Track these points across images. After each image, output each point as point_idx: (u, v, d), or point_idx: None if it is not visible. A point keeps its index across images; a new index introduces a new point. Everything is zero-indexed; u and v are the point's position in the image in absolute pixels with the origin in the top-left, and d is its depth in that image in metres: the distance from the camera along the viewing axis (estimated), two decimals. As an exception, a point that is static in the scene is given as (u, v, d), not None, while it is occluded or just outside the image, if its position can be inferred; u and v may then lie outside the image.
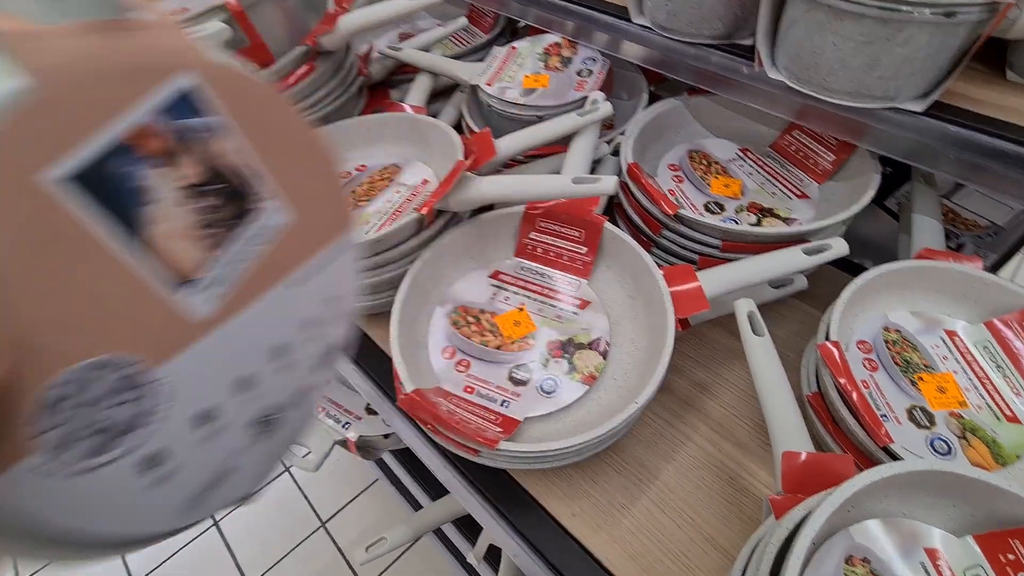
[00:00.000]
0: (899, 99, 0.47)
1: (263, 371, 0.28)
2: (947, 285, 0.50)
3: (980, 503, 0.32)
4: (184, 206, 0.22)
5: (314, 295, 0.30)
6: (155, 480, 0.23)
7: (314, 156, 0.28)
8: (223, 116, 0.22)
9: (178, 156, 0.21)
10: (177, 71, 0.20)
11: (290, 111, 0.25)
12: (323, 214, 0.29)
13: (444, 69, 0.75)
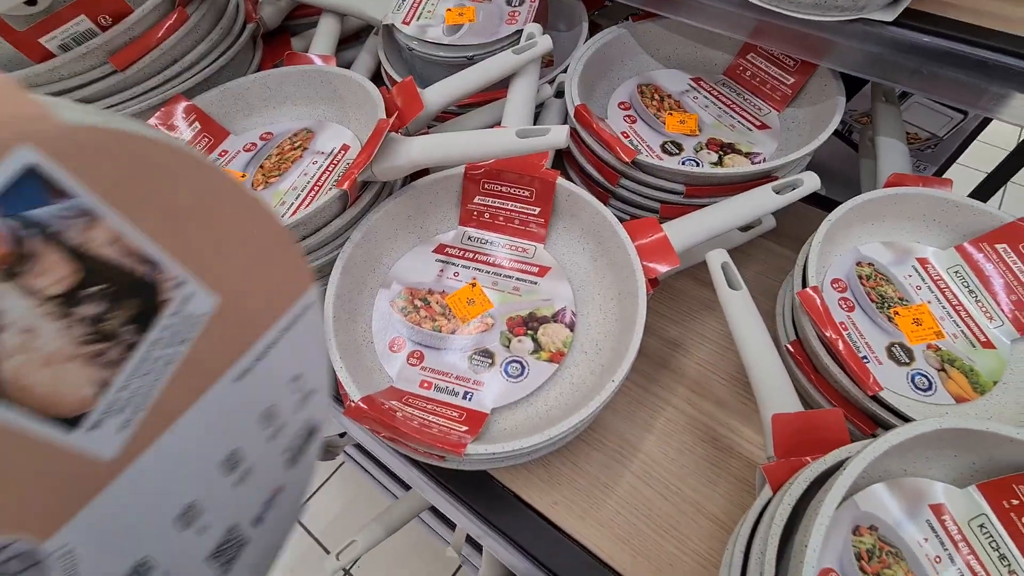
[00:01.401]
0: (868, 8, 0.42)
1: (215, 490, 0.24)
2: (918, 211, 0.47)
3: (983, 451, 0.31)
4: (51, 324, 0.17)
5: (273, 379, 0.25)
6: None
7: (240, 214, 0.22)
8: (86, 196, 0.17)
9: (28, 261, 0.16)
10: (8, 148, 0.15)
11: (192, 165, 0.20)
12: (266, 281, 0.24)
13: (349, 8, 0.64)
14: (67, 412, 0.18)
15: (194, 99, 0.55)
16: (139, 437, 0.20)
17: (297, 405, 0.27)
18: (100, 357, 0.18)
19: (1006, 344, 0.43)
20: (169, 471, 0.21)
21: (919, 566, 0.29)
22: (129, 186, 0.18)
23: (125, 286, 0.19)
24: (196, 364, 0.22)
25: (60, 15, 0.47)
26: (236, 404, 0.24)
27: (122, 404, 0.19)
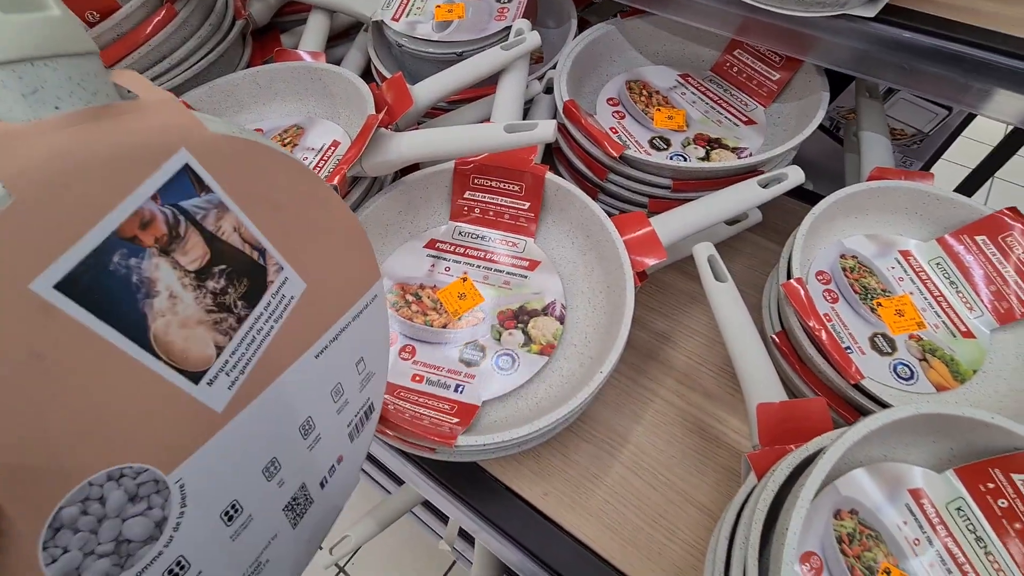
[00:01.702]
0: (850, 4, 0.43)
1: (292, 451, 0.27)
2: (900, 204, 0.48)
3: (960, 436, 0.31)
4: (189, 293, 0.20)
5: (343, 359, 0.29)
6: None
7: (326, 213, 0.26)
8: (221, 192, 0.21)
9: (178, 241, 0.20)
10: (169, 151, 0.19)
11: (295, 170, 0.24)
12: (343, 273, 0.28)
13: (339, 4, 0.64)
14: (193, 367, 0.21)
15: (183, 95, 0.55)
16: (241, 395, 0.23)
17: (360, 385, 0.31)
18: (219, 325, 0.22)
19: (986, 334, 0.44)
20: (261, 428, 0.24)
21: (899, 548, 0.30)
22: (250, 185, 0.22)
23: (241, 267, 0.22)
24: (286, 339, 0.25)
25: (46, 11, 0.46)
26: (313, 378, 0.27)
27: (232, 366, 0.23)
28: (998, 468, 0.30)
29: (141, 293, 0.19)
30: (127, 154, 0.18)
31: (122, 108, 0.18)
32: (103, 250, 0.18)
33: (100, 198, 0.17)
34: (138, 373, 0.19)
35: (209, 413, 0.22)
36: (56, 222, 0.16)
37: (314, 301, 0.26)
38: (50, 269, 0.16)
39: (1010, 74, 0.40)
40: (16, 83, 0.17)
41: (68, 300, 0.17)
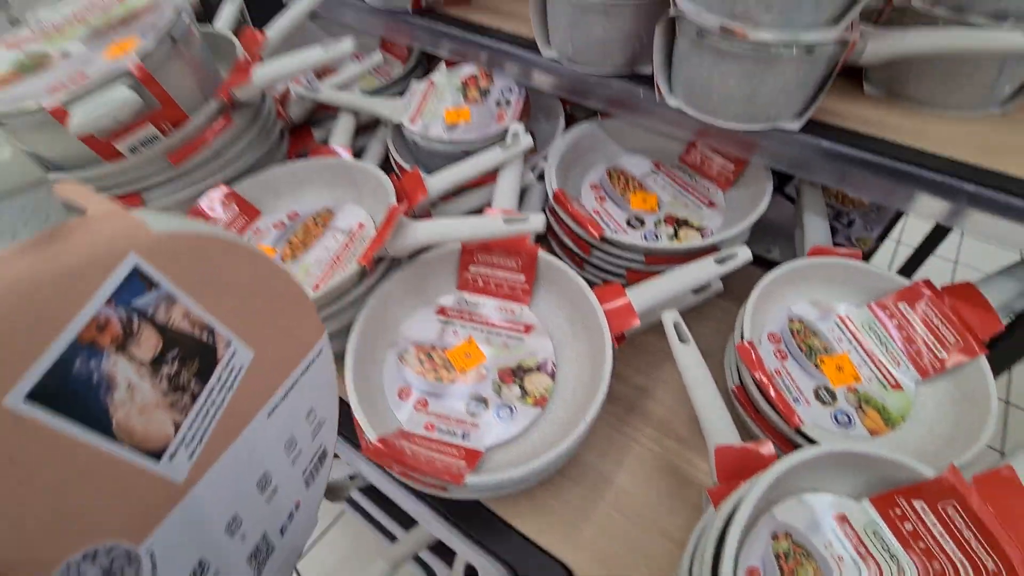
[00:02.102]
0: (780, 120, 0.54)
1: (251, 506, 0.29)
2: (836, 276, 0.57)
3: (871, 471, 0.39)
4: (146, 382, 0.22)
5: (294, 412, 0.31)
6: None
7: (267, 282, 0.29)
8: (169, 285, 0.23)
9: (132, 337, 0.22)
10: (119, 258, 0.21)
11: (235, 249, 0.26)
12: (288, 334, 0.31)
13: (365, 108, 0.76)
14: (154, 447, 0.23)
15: (233, 186, 0.66)
16: (200, 463, 0.25)
17: (312, 434, 0.34)
18: (175, 404, 0.24)
19: (911, 386, 0.52)
20: (220, 490, 0.26)
21: (826, 565, 0.37)
22: (194, 272, 0.24)
23: (192, 349, 0.24)
24: (239, 404, 0.27)
25: (132, 125, 0.57)
26: (267, 435, 0.29)
27: (190, 438, 0.25)
28: (903, 497, 0.38)
29: (102, 389, 0.20)
30: (80, 268, 0.19)
31: (72, 226, 0.20)
32: (66, 358, 0.19)
33: (59, 312, 0.19)
34: (104, 461, 0.21)
35: (172, 485, 0.24)
36: (22, 340, 0.18)
37: (263, 365, 0.28)
38: (19, 384, 0.18)
39: (923, 180, 0.49)
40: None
41: (37, 407, 0.18)
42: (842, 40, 0.47)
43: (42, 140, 0.56)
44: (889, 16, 0.55)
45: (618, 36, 0.58)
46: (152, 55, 0.55)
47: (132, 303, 0.22)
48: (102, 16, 0.64)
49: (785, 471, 0.36)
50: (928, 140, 0.52)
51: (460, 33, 0.71)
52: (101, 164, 0.58)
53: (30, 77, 0.56)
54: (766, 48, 0.47)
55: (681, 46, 0.53)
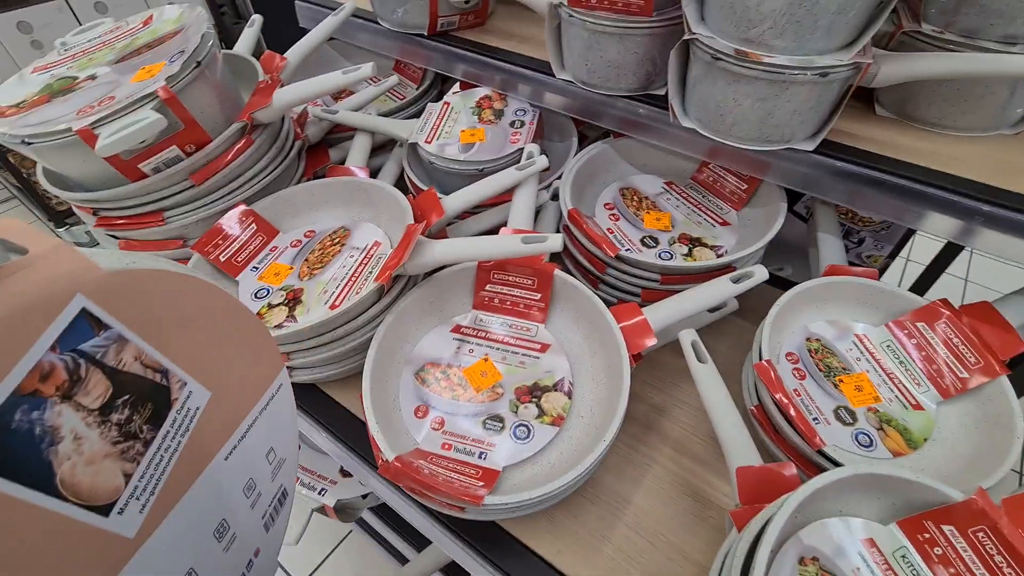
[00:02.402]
0: (793, 141, 0.54)
1: (210, 556, 0.27)
2: (852, 295, 0.57)
3: (898, 494, 0.38)
4: (93, 431, 0.21)
5: (253, 453, 0.30)
6: None
7: (224, 316, 0.27)
8: (120, 326, 0.21)
9: (79, 384, 0.20)
10: (65, 300, 0.19)
11: (191, 285, 0.25)
12: (248, 370, 0.29)
13: (382, 129, 0.77)
14: (103, 501, 0.21)
15: (252, 204, 0.67)
16: (153, 516, 0.23)
17: (272, 474, 0.32)
18: (126, 453, 0.22)
19: (933, 407, 0.51)
20: (176, 542, 0.24)
21: (854, 591, 0.36)
22: (148, 312, 0.22)
23: (144, 392, 0.23)
24: (194, 450, 0.25)
25: (156, 146, 0.58)
26: (224, 480, 0.27)
27: (141, 490, 0.23)
28: (931, 520, 0.37)
29: (45, 442, 0.19)
30: (21, 313, 0.18)
31: (12, 267, 0.18)
32: (4, 410, 0.17)
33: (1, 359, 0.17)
34: (48, 520, 0.19)
35: (122, 541, 0.22)
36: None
37: (220, 405, 0.26)
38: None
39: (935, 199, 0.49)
40: None
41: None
42: (855, 64, 0.48)
43: (69, 161, 0.58)
44: (899, 40, 0.56)
45: (632, 59, 0.59)
46: (178, 79, 0.56)
47: (79, 347, 0.20)
48: (128, 41, 0.66)
49: (813, 493, 0.36)
50: (940, 160, 0.52)
51: (475, 56, 0.72)
52: (125, 183, 0.59)
53: (58, 100, 0.58)
54: (780, 72, 0.48)
55: (695, 69, 0.54)
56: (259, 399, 0.30)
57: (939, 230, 0.51)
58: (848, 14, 0.45)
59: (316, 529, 1.25)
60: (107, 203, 0.61)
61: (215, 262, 0.63)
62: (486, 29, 0.78)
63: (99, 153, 0.52)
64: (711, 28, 0.51)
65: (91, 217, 0.64)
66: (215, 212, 0.65)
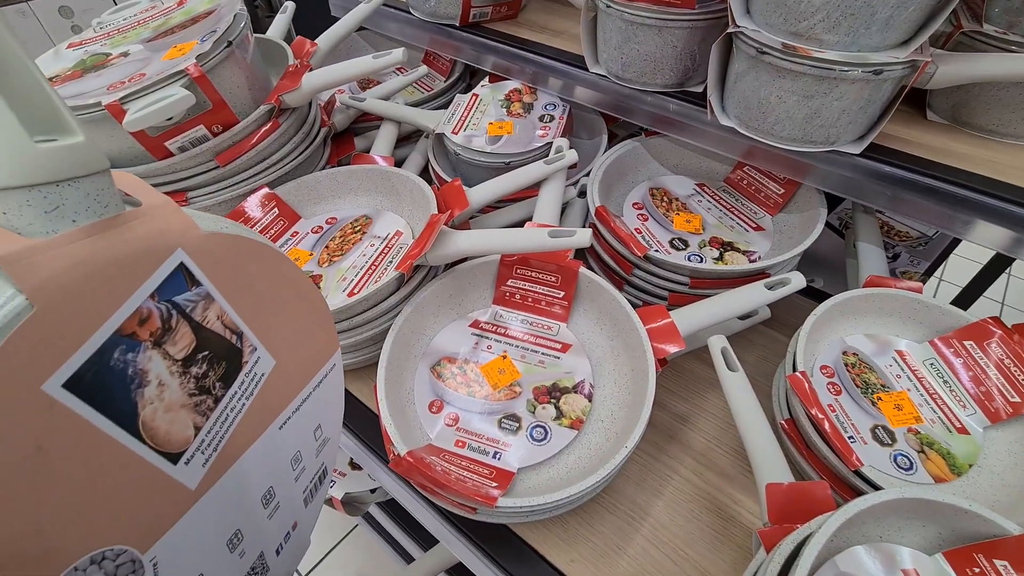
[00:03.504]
0: (839, 143, 0.51)
1: (254, 521, 0.28)
2: (894, 309, 0.54)
3: (945, 522, 0.35)
4: (175, 380, 0.22)
5: (303, 427, 0.30)
6: None
7: (295, 292, 0.28)
8: (209, 285, 0.23)
9: (169, 333, 0.21)
10: (167, 253, 0.21)
11: (270, 255, 0.26)
12: (308, 345, 0.30)
13: (408, 118, 0.76)
14: (174, 449, 0.22)
15: (275, 189, 0.66)
16: (213, 471, 0.24)
17: (316, 451, 0.33)
18: (199, 407, 0.23)
19: (979, 431, 0.48)
20: (228, 501, 0.25)
21: (895, 624, 0.33)
22: (233, 275, 0.24)
23: (221, 351, 0.24)
24: (255, 414, 0.26)
25: (183, 125, 0.58)
26: (276, 448, 0.29)
27: (207, 444, 0.24)
28: (982, 554, 0.34)
29: (134, 384, 0.20)
30: (131, 260, 0.19)
31: (127, 217, 0.20)
32: (106, 348, 0.19)
33: (107, 301, 0.19)
34: (125, 458, 0.20)
35: (184, 491, 0.23)
36: (68, 326, 0.18)
37: (281, 375, 0.27)
38: (60, 370, 0.18)
39: (988, 208, 0.47)
40: (40, 202, 0.18)
41: (72, 396, 0.18)
42: (912, 62, 0.45)
43: (98, 136, 0.58)
44: (957, 41, 0.53)
45: (670, 53, 0.57)
46: (208, 57, 0.56)
47: (173, 299, 0.21)
48: (163, 20, 0.66)
49: (855, 515, 0.33)
50: (997, 168, 0.49)
51: (506, 47, 0.71)
52: (151, 162, 0.59)
53: (91, 75, 0.58)
54: (830, 68, 0.45)
55: (738, 64, 0.52)
56: (315, 375, 0.31)
57: (988, 240, 0.48)
58: (908, 8, 0.42)
59: (322, 521, 1.25)
60: (132, 180, 0.60)
61: (235, 244, 0.62)
62: (518, 22, 0.76)
63: (126, 128, 0.52)
64: (757, 21, 0.49)
65: (116, 194, 0.64)
66: (238, 195, 0.64)
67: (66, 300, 0.18)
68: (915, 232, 0.91)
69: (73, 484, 0.19)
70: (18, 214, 0.18)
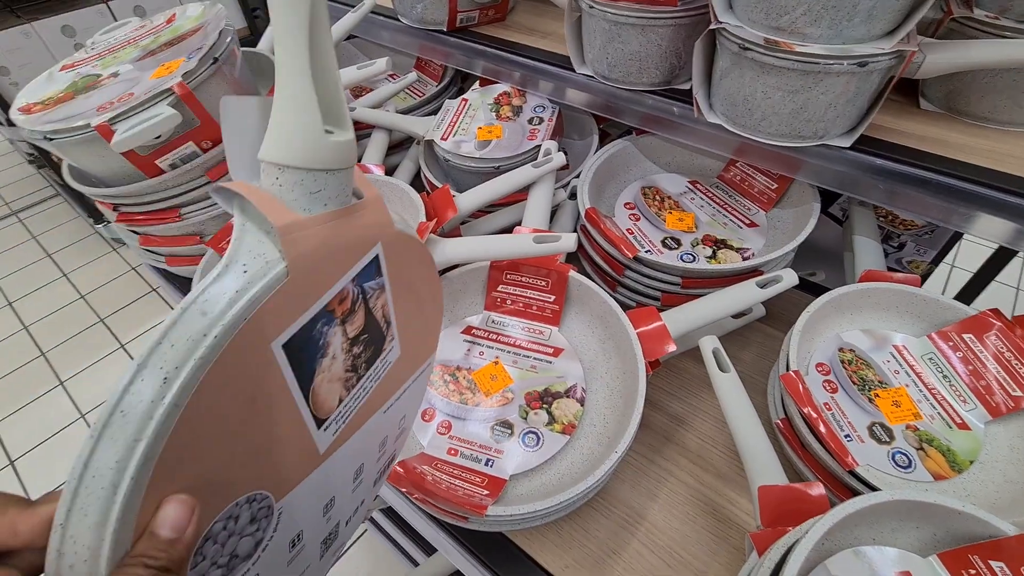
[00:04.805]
0: (828, 137, 0.51)
1: (344, 493, 0.30)
2: (891, 303, 0.53)
3: (939, 523, 0.35)
4: (342, 355, 0.25)
5: (394, 416, 0.33)
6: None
7: (431, 292, 0.31)
8: (386, 277, 0.26)
9: (351, 314, 0.24)
10: (373, 244, 0.24)
11: (426, 258, 0.29)
12: (423, 342, 0.33)
13: (398, 126, 0.76)
14: (322, 416, 0.25)
15: (267, 201, 0.67)
16: (337, 440, 0.27)
17: (395, 437, 0.35)
18: (347, 382, 0.26)
19: (980, 427, 0.47)
20: (336, 470, 0.28)
21: (888, 629, 0.33)
22: (400, 270, 0.27)
23: (374, 337, 0.27)
24: (375, 396, 0.29)
25: (173, 142, 0.59)
26: (376, 430, 0.31)
27: (342, 416, 0.26)
28: (977, 555, 0.34)
29: (319, 353, 0.23)
30: (353, 246, 0.23)
31: (356, 208, 0.23)
32: (316, 319, 0.21)
33: (330, 278, 0.22)
34: (294, 417, 0.23)
35: (315, 454, 0.25)
36: (302, 295, 0.21)
37: (400, 365, 0.30)
38: (285, 332, 0.20)
39: (988, 200, 0.45)
40: (310, 183, 0.21)
41: (284, 357, 0.20)
42: (898, 53, 0.44)
43: (89, 156, 0.58)
44: (947, 28, 0.52)
45: (655, 51, 0.57)
46: (195, 75, 0.56)
47: (363, 284, 0.24)
48: (152, 39, 0.67)
49: (844, 518, 0.33)
50: (994, 158, 0.48)
51: (494, 51, 0.70)
52: (143, 179, 0.60)
53: (81, 97, 0.59)
54: (815, 62, 0.44)
55: (722, 60, 0.51)
56: (418, 369, 0.33)
57: (991, 233, 0.47)
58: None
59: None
60: (126, 199, 0.61)
61: (229, 258, 0.63)
62: (506, 24, 0.76)
63: (115, 148, 0.53)
64: (739, 16, 0.48)
65: (112, 212, 0.65)
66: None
67: (308, 273, 0.20)
68: (921, 220, 0.89)
69: (259, 432, 0.21)
70: (290, 189, 0.21)
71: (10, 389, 1.57)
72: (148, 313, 1.78)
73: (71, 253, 2.00)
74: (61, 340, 1.70)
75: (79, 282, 1.89)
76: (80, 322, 1.76)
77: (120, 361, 1.64)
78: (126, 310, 1.80)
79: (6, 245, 2.04)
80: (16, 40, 1.56)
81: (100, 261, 1.97)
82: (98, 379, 1.59)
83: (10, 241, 2.06)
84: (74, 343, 1.70)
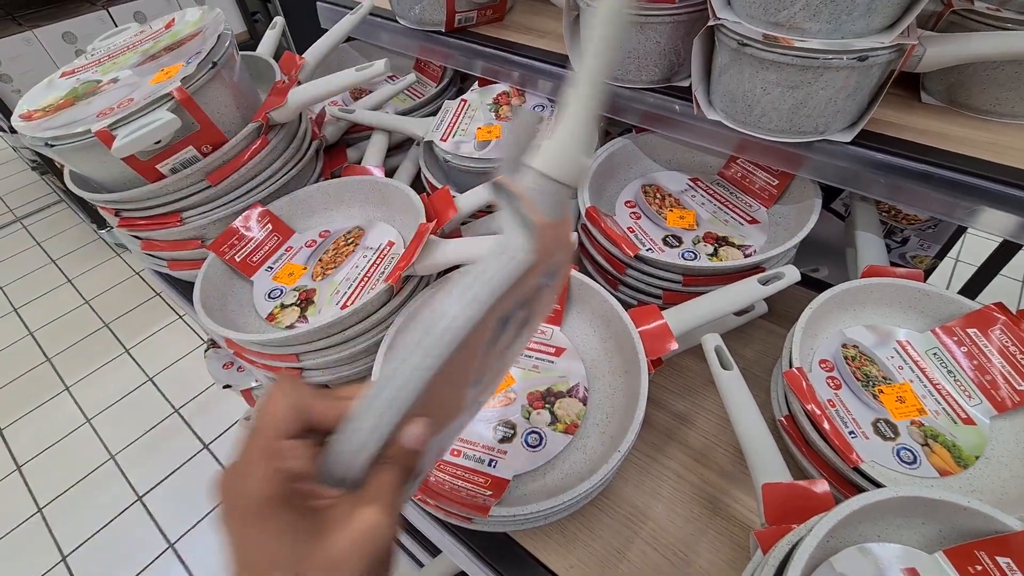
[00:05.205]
0: (828, 132, 0.50)
1: (444, 445, 0.34)
2: (894, 298, 0.53)
3: (945, 519, 0.35)
4: (503, 332, 0.28)
5: (455, 430, 0.35)
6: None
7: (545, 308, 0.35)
8: (547, 277, 0.30)
9: (528, 301, 0.28)
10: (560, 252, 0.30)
11: (556, 291, 0.36)
12: (500, 376, 0.37)
13: (398, 127, 0.76)
14: (473, 379, 0.28)
15: (268, 205, 0.67)
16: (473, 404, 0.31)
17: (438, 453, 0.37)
18: (494, 356, 0.29)
19: (985, 422, 0.46)
20: (454, 430, 0.32)
21: (894, 626, 0.33)
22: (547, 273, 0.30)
23: (521, 326, 0.30)
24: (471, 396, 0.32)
25: (173, 147, 0.59)
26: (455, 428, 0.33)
27: (486, 383, 0.31)
28: (983, 551, 0.33)
29: (504, 326, 0.27)
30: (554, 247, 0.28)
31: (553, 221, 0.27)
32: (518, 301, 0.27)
33: (540, 271, 0.27)
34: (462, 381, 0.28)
35: (460, 405, 0.30)
36: (527, 279, 0.25)
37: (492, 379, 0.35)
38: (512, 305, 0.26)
39: (992, 193, 0.45)
40: (560, 196, 0.26)
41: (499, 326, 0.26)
42: (898, 46, 0.44)
43: (90, 162, 0.59)
44: (948, 21, 0.52)
45: (653, 49, 0.56)
46: (194, 79, 0.57)
47: (546, 281, 0.30)
48: (151, 44, 0.67)
49: (848, 515, 0.32)
50: (996, 151, 0.47)
51: (493, 51, 0.70)
52: (144, 184, 0.60)
53: (81, 103, 0.59)
54: (814, 57, 0.44)
55: (721, 57, 0.51)
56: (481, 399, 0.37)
57: (994, 227, 0.47)
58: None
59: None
60: (127, 204, 0.61)
61: (230, 262, 0.63)
62: (504, 24, 0.76)
63: (115, 154, 0.53)
64: (737, 12, 0.48)
65: (114, 218, 0.65)
66: (233, 212, 0.65)
67: (537, 264, 0.25)
68: (924, 214, 0.89)
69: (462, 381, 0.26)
70: (544, 197, 0.26)
71: (16, 394, 1.58)
72: (151, 318, 1.79)
73: (75, 259, 2.01)
74: (66, 345, 1.71)
75: (83, 288, 1.90)
76: (84, 327, 1.77)
77: (125, 365, 1.65)
78: (130, 315, 1.80)
79: (10, 251, 2.05)
80: (18, 47, 1.57)
81: (103, 266, 1.98)
82: (103, 384, 1.60)
83: (14, 247, 2.07)
84: (79, 348, 1.70)
